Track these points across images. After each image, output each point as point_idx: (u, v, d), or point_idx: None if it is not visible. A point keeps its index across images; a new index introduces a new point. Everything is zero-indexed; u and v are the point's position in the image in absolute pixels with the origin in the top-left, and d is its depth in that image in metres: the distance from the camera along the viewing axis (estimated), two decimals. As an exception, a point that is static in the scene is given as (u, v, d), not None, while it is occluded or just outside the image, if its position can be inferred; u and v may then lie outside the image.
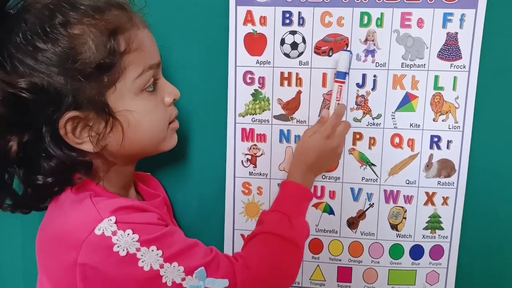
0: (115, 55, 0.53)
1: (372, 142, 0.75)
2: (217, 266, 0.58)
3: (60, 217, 0.56)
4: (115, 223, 0.52)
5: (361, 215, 0.77)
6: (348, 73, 0.71)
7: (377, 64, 0.72)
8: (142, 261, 0.52)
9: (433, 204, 0.75)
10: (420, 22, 0.70)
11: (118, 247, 0.51)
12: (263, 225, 0.69)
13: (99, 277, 0.52)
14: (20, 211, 0.59)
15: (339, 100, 0.71)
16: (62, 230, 0.54)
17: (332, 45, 0.72)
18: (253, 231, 0.70)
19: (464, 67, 0.71)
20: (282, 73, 0.74)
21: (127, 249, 0.52)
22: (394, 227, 0.76)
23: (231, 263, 0.60)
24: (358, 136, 0.75)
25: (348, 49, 0.71)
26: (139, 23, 0.58)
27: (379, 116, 0.74)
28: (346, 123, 0.73)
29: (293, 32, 0.73)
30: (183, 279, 0.54)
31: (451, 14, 0.70)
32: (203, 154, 0.78)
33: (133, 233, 0.52)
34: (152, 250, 0.53)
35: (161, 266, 0.53)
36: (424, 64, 0.71)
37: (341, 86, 0.71)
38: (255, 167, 0.77)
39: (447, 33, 0.70)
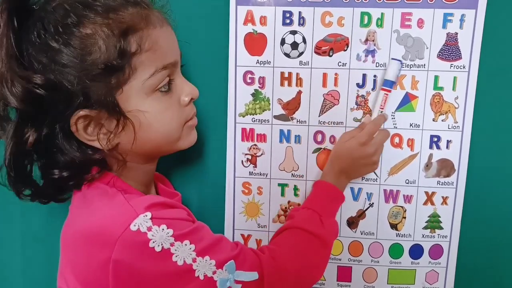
0: (124, 56, 0.53)
1: (372, 142, 0.75)
2: (244, 259, 0.58)
3: (90, 214, 0.56)
4: (151, 218, 0.52)
5: (361, 214, 0.77)
6: (396, 83, 0.71)
7: (377, 64, 0.72)
8: (176, 256, 0.53)
9: (432, 203, 0.75)
10: (420, 22, 0.70)
11: (153, 242, 0.52)
12: (293, 220, 0.69)
13: (133, 273, 0.52)
14: (39, 200, 0.60)
15: (382, 108, 0.71)
16: (93, 227, 0.54)
17: (332, 45, 0.72)
18: (282, 226, 0.71)
19: (464, 67, 0.71)
20: (282, 73, 0.74)
21: (162, 244, 0.52)
22: (393, 226, 0.77)
23: (257, 256, 0.61)
24: (358, 136, 0.75)
25: (399, 58, 0.71)
26: (157, 21, 0.57)
27: (379, 116, 0.74)
28: (385, 132, 0.73)
29: (293, 32, 0.73)
30: (214, 272, 0.55)
31: (451, 14, 0.70)
32: (203, 154, 0.78)
33: (167, 228, 0.53)
34: (185, 245, 0.54)
35: (194, 260, 0.54)
36: (424, 64, 0.72)
37: (387, 94, 0.71)
38: (255, 167, 0.77)
39: (447, 34, 0.70)
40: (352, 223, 0.77)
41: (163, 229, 0.52)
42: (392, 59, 0.71)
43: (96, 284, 0.54)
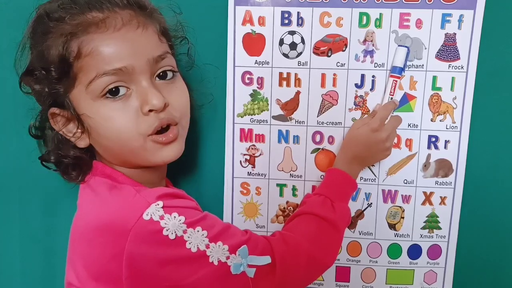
0: (66, 60, 0.55)
1: (370, 142, 0.75)
2: (255, 244, 0.59)
3: (101, 206, 0.57)
4: (162, 207, 0.53)
5: (359, 214, 0.77)
6: (404, 69, 0.71)
7: (376, 64, 0.72)
8: (189, 243, 0.54)
9: (430, 203, 0.75)
10: (419, 23, 0.71)
11: (167, 230, 0.53)
12: (305, 206, 0.70)
13: (147, 262, 0.53)
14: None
15: (392, 95, 0.71)
16: (106, 219, 0.55)
17: (331, 45, 0.72)
18: (294, 213, 0.71)
19: (462, 67, 0.71)
20: (280, 74, 0.74)
21: (175, 231, 0.53)
22: (392, 226, 0.77)
23: (267, 240, 0.62)
24: (356, 136, 0.75)
25: (406, 45, 0.71)
26: (114, 24, 0.56)
27: (377, 117, 0.74)
28: (397, 117, 0.72)
29: (292, 32, 0.73)
30: (228, 258, 0.56)
31: (449, 15, 0.70)
32: (202, 154, 0.78)
33: (179, 216, 0.54)
34: (198, 231, 0.54)
35: (207, 246, 0.55)
36: (422, 65, 0.72)
37: (396, 81, 0.70)
38: (254, 167, 0.77)
39: (446, 34, 0.71)
40: (351, 223, 0.77)
41: (174, 217, 0.53)
42: (399, 45, 0.71)
43: (108, 277, 0.54)
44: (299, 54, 0.73)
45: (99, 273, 0.55)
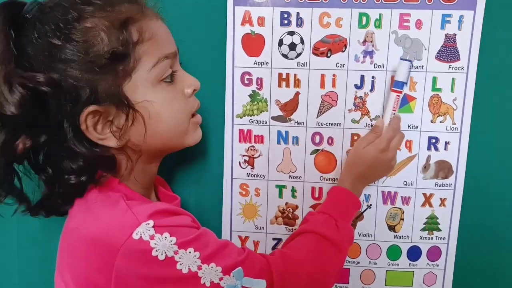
0: (128, 45, 0.53)
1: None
2: (252, 265, 0.58)
3: (92, 220, 0.55)
4: (153, 227, 0.51)
5: (359, 216, 0.77)
6: (406, 83, 0.70)
7: (376, 65, 0.72)
8: (180, 264, 0.52)
9: (430, 205, 0.75)
10: (419, 23, 0.70)
11: (156, 251, 0.51)
12: (308, 224, 0.69)
13: (136, 281, 0.52)
14: (46, 213, 0.60)
15: (395, 110, 0.70)
16: (96, 234, 0.53)
17: (330, 46, 0.72)
18: (296, 230, 0.70)
19: (462, 68, 0.71)
20: (280, 74, 0.74)
21: (165, 252, 0.51)
22: (391, 228, 0.76)
23: (265, 259, 0.60)
24: (356, 137, 0.74)
25: (408, 58, 0.70)
26: (152, 14, 0.58)
27: (377, 118, 0.73)
28: (401, 136, 0.72)
29: (291, 33, 0.72)
30: (221, 279, 0.54)
31: (449, 15, 0.70)
32: (201, 155, 0.78)
33: (170, 236, 0.52)
34: (190, 252, 0.53)
35: (199, 268, 0.53)
36: (422, 66, 0.71)
37: (399, 96, 0.70)
38: (253, 168, 0.77)
39: (446, 35, 0.70)
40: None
41: (165, 237, 0.52)
42: (401, 59, 0.70)
43: None
44: (299, 54, 0.73)
45: (88, 286, 0.54)
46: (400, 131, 0.72)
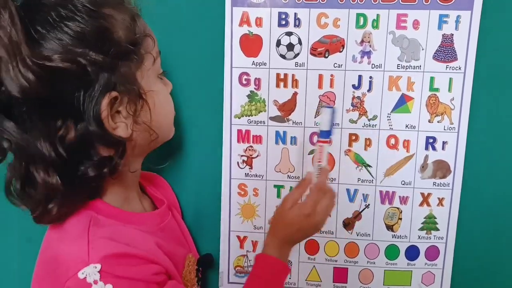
0: (140, 36, 0.56)
1: (367, 143, 0.75)
2: None
3: (58, 238, 0.55)
4: (99, 271, 0.49)
5: (357, 216, 0.77)
6: (331, 131, 0.66)
7: (373, 65, 0.72)
8: None
9: (428, 205, 0.75)
10: (416, 24, 0.70)
11: None
12: None
13: None
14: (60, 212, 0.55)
15: (320, 162, 0.65)
16: (55, 256, 0.54)
17: (328, 46, 0.72)
18: None
19: (459, 68, 0.71)
20: (278, 75, 0.74)
21: None
22: (389, 227, 0.77)
23: None
24: (354, 137, 0.75)
25: (330, 105, 0.70)
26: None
27: (374, 118, 0.74)
28: (331, 196, 0.65)
29: (289, 33, 0.73)
30: None
31: (446, 15, 0.70)
32: (199, 155, 0.78)
33: None
34: None
35: None
36: (420, 66, 0.71)
37: (322, 146, 0.65)
38: (251, 168, 0.77)
39: (443, 35, 0.70)
40: (348, 224, 0.77)
41: None
42: (323, 107, 0.71)
43: None
44: (296, 55, 0.73)
45: None
46: (330, 188, 0.65)
